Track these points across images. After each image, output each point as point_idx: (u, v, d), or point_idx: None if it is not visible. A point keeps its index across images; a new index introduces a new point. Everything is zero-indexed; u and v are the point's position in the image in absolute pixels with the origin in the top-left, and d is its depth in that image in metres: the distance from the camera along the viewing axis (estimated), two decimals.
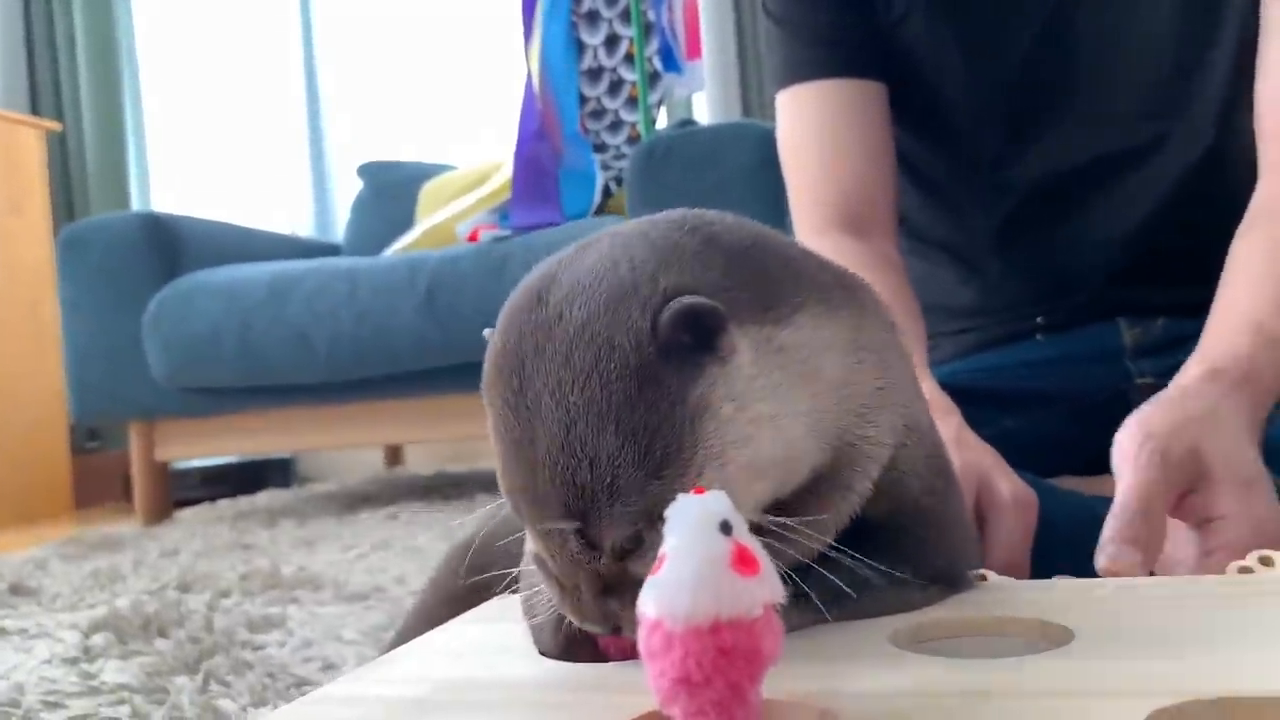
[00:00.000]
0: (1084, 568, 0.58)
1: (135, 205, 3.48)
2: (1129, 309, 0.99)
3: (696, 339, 0.38)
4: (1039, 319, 1.04)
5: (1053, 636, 0.37)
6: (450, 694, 0.37)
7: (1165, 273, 0.98)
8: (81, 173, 3.51)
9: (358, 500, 2.42)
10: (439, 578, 0.73)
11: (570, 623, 0.42)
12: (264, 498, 2.70)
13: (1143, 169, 0.98)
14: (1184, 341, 0.97)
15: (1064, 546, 0.76)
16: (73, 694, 0.91)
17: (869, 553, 0.40)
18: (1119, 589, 0.44)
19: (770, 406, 0.39)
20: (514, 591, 0.49)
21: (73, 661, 1.02)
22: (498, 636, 0.45)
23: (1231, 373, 0.66)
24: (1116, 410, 0.96)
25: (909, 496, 0.45)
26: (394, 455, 3.31)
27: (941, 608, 0.41)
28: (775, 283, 0.42)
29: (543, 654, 0.41)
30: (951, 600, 0.43)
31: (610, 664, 0.39)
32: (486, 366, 0.41)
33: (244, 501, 2.63)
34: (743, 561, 0.30)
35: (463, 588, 0.65)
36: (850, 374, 0.42)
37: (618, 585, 0.37)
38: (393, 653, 0.44)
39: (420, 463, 3.30)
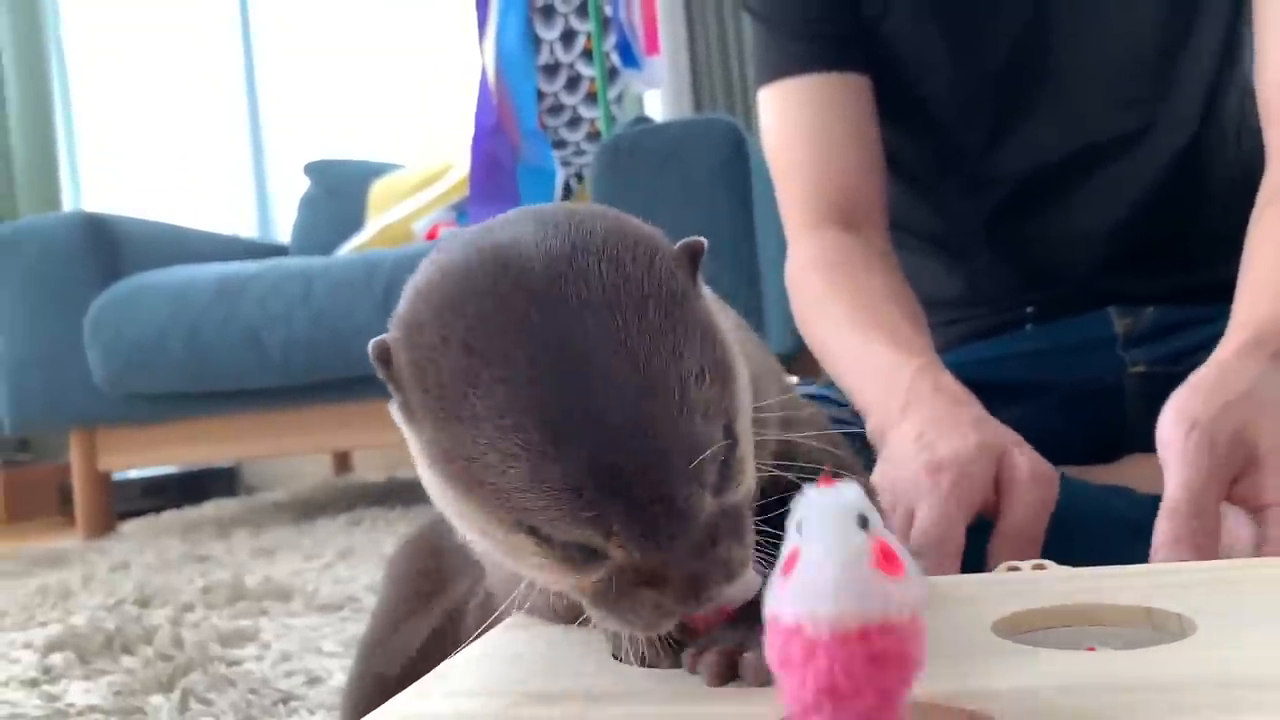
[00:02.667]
0: (1095, 557, 0.57)
1: (67, 207, 3.35)
2: (1119, 298, 0.99)
3: (692, 272, 0.39)
4: (1029, 309, 1.03)
5: (1163, 624, 0.35)
6: (539, 708, 0.34)
7: (1154, 261, 0.99)
8: (8, 174, 3.37)
9: (311, 508, 2.35)
10: (397, 577, 0.68)
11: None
12: (211, 508, 2.61)
13: (1128, 157, 0.98)
14: (1176, 329, 0.97)
15: (1076, 536, 0.76)
16: (38, 718, 0.86)
17: None
18: (1203, 572, 0.43)
19: (728, 325, 0.40)
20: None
21: (33, 683, 0.96)
22: (547, 644, 0.42)
23: (1271, 342, 0.65)
24: (1111, 400, 0.97)
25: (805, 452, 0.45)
26: (342, 462, 3.24)
27: (1033, 598, 0.39)
28: None
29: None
30: (1039, 589, 0.41)
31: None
32: (455, 360, 0.34)
33: (191, 512, 2.54)
34: (887, 559, 0.27)
35: (426, 584, 0.61)
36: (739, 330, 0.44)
37: (719, 533, 0.34)
38: (447, 663, 0.40)
39: (370, 469, 3.23)
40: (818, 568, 0.26)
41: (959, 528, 0.63)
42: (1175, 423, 0.59)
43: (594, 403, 0.33)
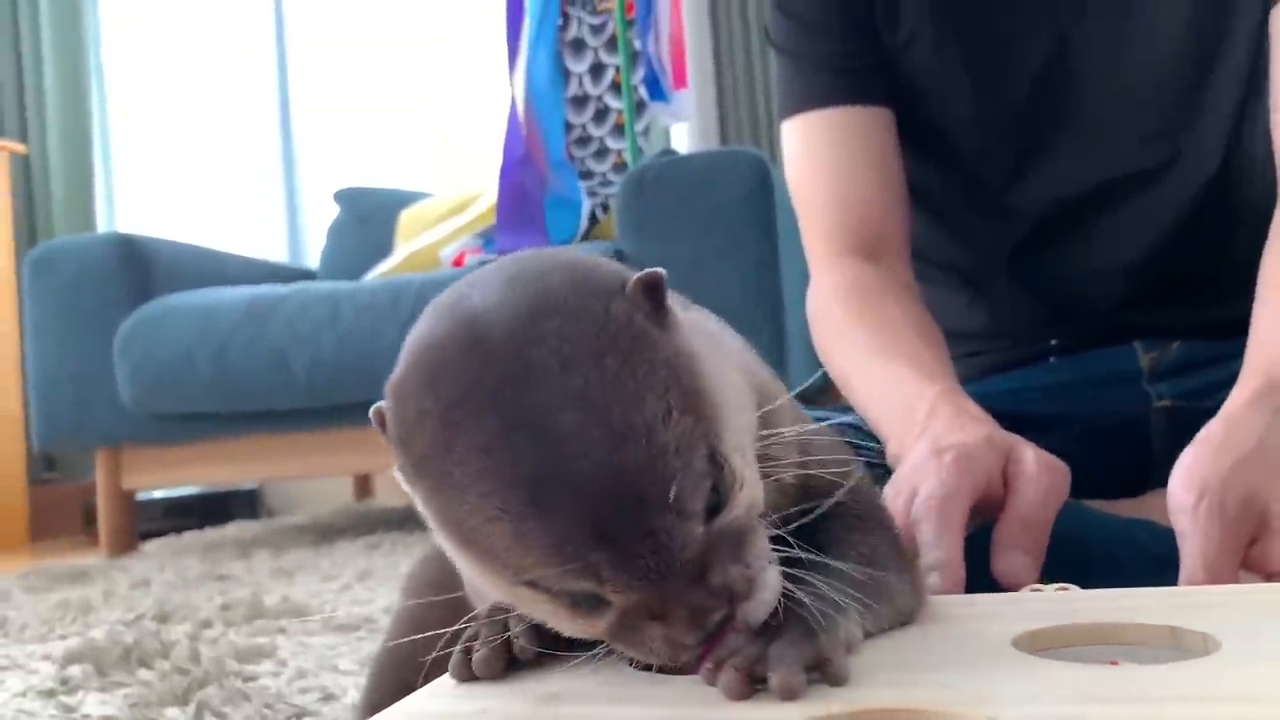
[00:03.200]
0: (1116, 587, 0.56)
1: (102, 229, 3.41)
2: (1144, 332, 0.98)
3: (653, 306, 0.39)
4: (1053, 342, 1.03)
5: (1188, 643, 0.35)
6: (550, 708, 0.34)
7: (1179, 295, 0.98)
8: (46, 195, 3.44)
9: (331, 531, 2.36)
10: (413, 589, 0.69)
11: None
12: (233, 529, 2.63)
13: (1153, 191, 0.97)
14: (1201, 364, 0.96)
15: (1099, 566, 0.75)
16: None
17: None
18: (1229, 594, 0.42)
19: (712, 347, 0.41)
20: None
21: (50, 693, 0.97)
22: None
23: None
24: (1137, 434, 0.96)
25: (824, 483, 0.45)
26: (364, 487, 3.25)
27: (1059, 615, 0.39)
28: None
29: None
30: (1061, 609, 0.40)
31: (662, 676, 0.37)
32: (433, 433, 0.36)
33: (212, 533, 2.55)
34: None
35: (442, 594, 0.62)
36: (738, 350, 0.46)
37: (712, 559, 0.35)
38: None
39: (390, 494, 3.24)
40: None
41: (961, 498, 0.62)
42: (1185, 488, 0.59)
43: (563, 462, 0.34)
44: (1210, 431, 0.64)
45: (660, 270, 0.39)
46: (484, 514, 0.35)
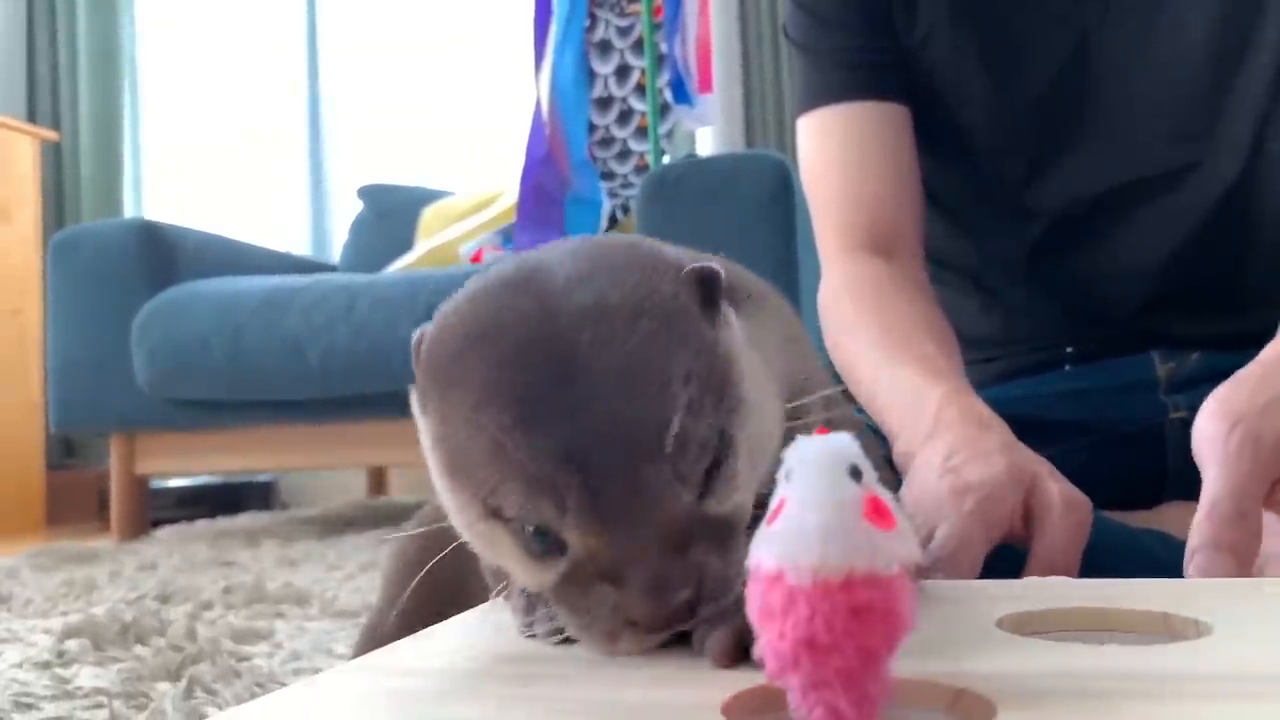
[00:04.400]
0: None
1: (129, 215, 3.44)
2: (1162, 341, 0.96)
3: (705, 303, 0.39)
4: (1069, 349, 1.01)
5: (1181, 631, 0.33)
6: (518, 666, 0.33)
7: (1198, 304, 0.96)
8: (75, 183, 3.48)
9: (341, 524, 2.36)
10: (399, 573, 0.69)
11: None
12: (244, 519, 2.63)
13: (1173, 195, 0.95)
14: (1220, 376, 0.94)
15: (1106, 573, 0.73)
16: (45, 697, 0.86)
17: None
18: (1226, 587, 0.41)
19: (758, 362, 0.40)
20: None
21: (45, 665, 0.97)
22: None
23: None
24: (1152, 445, 0.94)
25: None
26: (377, 483, 3.25)
27: (1047, 601, 0.37)
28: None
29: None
30: (1051, 594, 0.39)
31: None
32: (455, 346, 0.37)
33: (223, 522, 2.56)
34: (877, 512, 0.26)
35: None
36: (785, 359, 0.45)
37: (695, 538, 0.33)
38: (429, 630, 0.40)
39: (404, 490, 3.24)
40: (802, 514, 0.25)
41: (977, 547, 0.60)
42: (1218, 418, 0.56)
43: (568, 389, 0.34)
44: (1246, 372, 0.62)
45: (716, 268, 0.39)
46: (473, 425, 0.35)
